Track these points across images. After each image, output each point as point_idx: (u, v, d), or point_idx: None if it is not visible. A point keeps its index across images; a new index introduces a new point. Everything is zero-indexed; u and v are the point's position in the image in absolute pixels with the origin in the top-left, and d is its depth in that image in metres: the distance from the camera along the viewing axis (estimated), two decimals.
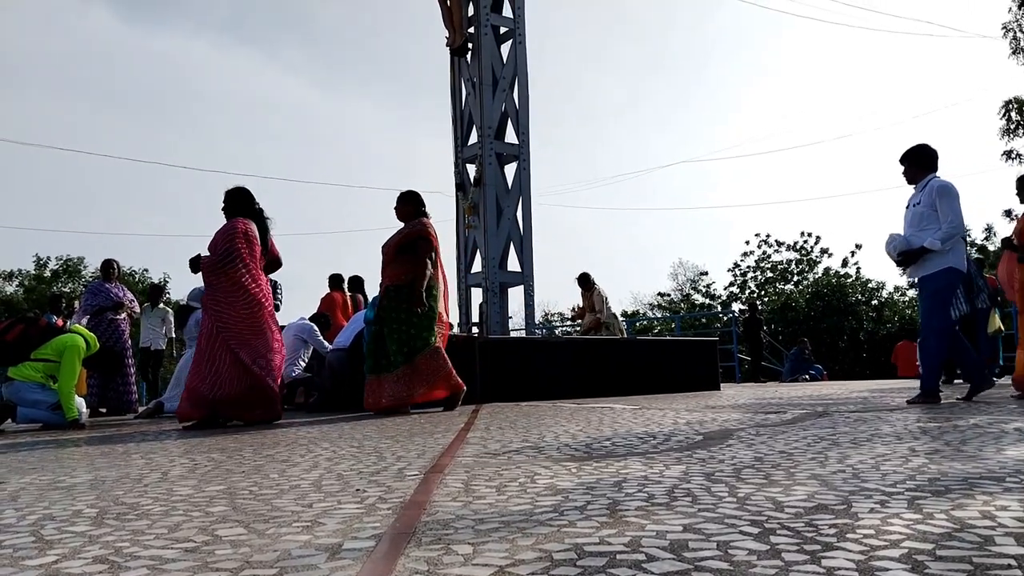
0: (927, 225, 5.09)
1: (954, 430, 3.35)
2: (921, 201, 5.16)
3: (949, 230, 5.01)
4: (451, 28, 8.56)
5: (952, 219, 5.02)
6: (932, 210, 5.08)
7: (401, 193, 5.95)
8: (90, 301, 8.42)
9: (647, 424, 4.09)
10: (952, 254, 5.09)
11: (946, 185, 5.11)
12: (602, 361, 7.76)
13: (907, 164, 5.34)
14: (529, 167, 8.37)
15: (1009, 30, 19.35)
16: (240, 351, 5.13)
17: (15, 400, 5.76)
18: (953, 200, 5.06)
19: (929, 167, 5.26)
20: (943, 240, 5.01)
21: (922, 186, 5.22)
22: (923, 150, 5.30)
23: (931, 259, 5.09)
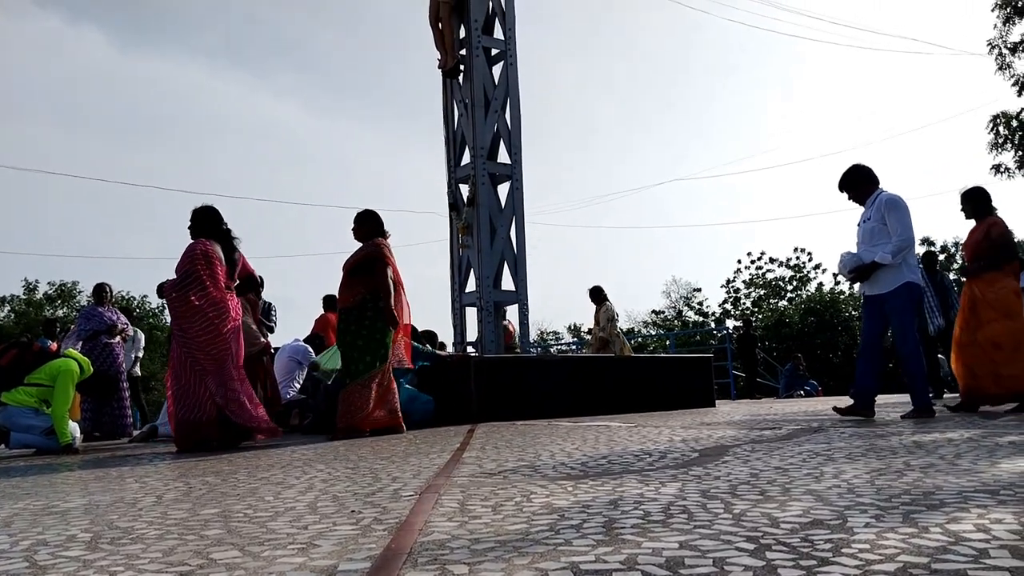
0: (878, 240, 5.11)
1: (948, 444, 3.36)
2: (871, 217, 5.18)
3: (899, 243, 5.02)
4: (443, 50, 8.62)
5: (901, 232, 5.03)
6: (883, 225, 5.10)
7: (357, 213, 5.90)
8: (83, 325, 8.39)
9: (643, 442, 4.08)
10: (906, 269, 5.10)
11: (894, 198, 5.12)
12: (598, 379, 7.76)
13: (850, 189, 5.37)
14: (522, 186, 8.40)
15: (994, 46, 19.57)
16: (206, 377, 5.13)
17: (8, 425, 5.72)
18: (902, 213, 5.07)
19: (871, 183, 5.30)
20: (894, 253, 5.02)
21: (871, 202, 5.24)
22: (859, 171, 5.34)
23: (887, 275, 5.09)
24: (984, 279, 5.59)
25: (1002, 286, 5.54)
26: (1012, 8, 19.20)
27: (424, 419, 6.44)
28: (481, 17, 8.38)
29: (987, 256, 5.58)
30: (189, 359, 5.13)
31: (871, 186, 5.29)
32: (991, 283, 5.56)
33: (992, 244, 5.58)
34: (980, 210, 5.76)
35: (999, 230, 5.61)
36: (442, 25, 8.49)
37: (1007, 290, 5.53)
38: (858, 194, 5.35)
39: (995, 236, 5.60)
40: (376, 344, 5.57)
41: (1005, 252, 5.58)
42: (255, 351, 6.77)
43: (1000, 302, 5.51)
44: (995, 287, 5.54)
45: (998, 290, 5.53)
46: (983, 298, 5.57)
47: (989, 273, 5.58)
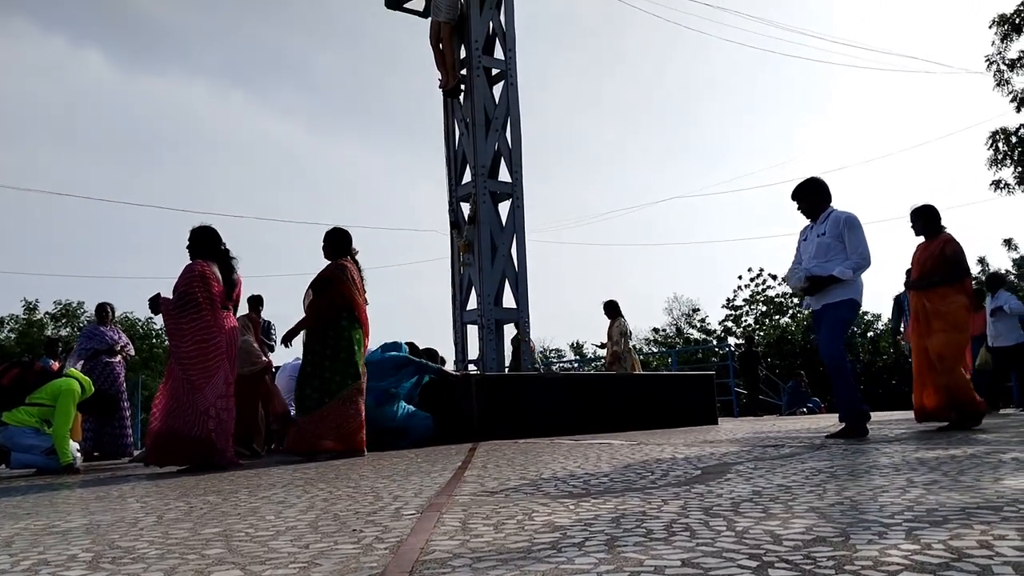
0: (833, 256, 5.12)
1: (951, 460, 3.35)
2: (826, 232, 5.19)
3: (859, 261, 5.06)
4: (444, 70, 8.68)
5: (862, 251, 5.08)
6: (838, 241, 5.12)
7: (325, 232, 5.93)
8: (85, 344, 8.40)
9: (645, 459, 4.07)
10: (855, 287, 5.12)
11: (852, 217, 5.16)
12: (599, 397, 7.74)
13: (803, 200, 5.37)
14: (523, 205, 8.43)
15: (992, 63, 19.66)
16: (195, 395, 5.13)
17: (9, 445, 5.72)
18: (860, 232, 5.12)
19: (826, 199, 5.33)
20: (854, 270, 5.05)
21: (824, 218, 5.25)
22: (818, 184, 5.36)
23: (834, 290, 5.13)
24: (937, 293, 5.63)
25: (953, 300, 5.59)
26: (1010, 25, 19.32)
27: (423, 436, 6.43)
28: (481, 38, 8.45)
29: (940, 272, 5.63)
30: (184, 378, 5.14)
31: (825, 202, 5.32)
32: (944, 297, 5.61)
33: (946, 261, 5.62)
34: (931, 227, 5.82)
35: (953, 248, 5.66)
36: (443, 46, 8.56)
37: (958, 305, 5.59)
38: (811, 207, 5.35)
39: (949, 254, 5.63)
40: (344, 363, 5.57)
41: (959, 270, 5.63)
42: (256, 370, 6.78)
43: (951, 315, 5.56)
44: (947, 301, 5.60)
45: (949, 304, 5.58)
46: (934, 309, 5.62)
47: (942, 288, 5.62)
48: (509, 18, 8.62)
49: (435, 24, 8.58)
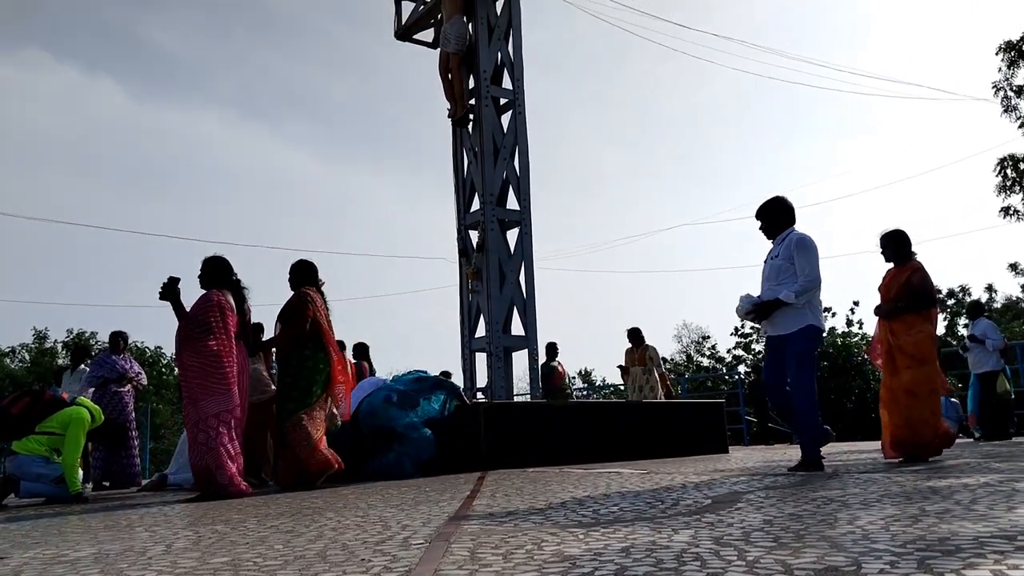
0: (784, 279, 4.96)
1: (964, 489, 3.32)
2: (779, 254, 5.04)
3: (805, 283, 4.87)
4: (452, 100, 8.77)
5: (810, 272, 4.89)
6: (790, 263, 4.96)
7: (291, 264, 6.05)
8: (95, 372, 8.43)
9: (655, 489, 4.05)
10: (810, 311, 4.94)
11: (804, 238, 5.00)
12: (608, 425, 7.71)
13: (764, 219, 5.23)
14: (531, 232, 8.47)
15: (999, 89, 19.73)
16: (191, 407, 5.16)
17: (18, 474, 5.72)
18: (811, 253, 4.94)
19: (787, 220, 5.16)
20: (799, 293, 4.87)
21: (781, 239, 5.11)
22: (779, 203, 5.20)
23: (790, 316, 4.93)
24: (904, 321, 5.51)
25: (919, 330, 5.47)
26: (1016, 52, 19.40)
27: (418, 455, 6.28)
28: (490, 68, 8.55)
29: (907, 300, 5.51)
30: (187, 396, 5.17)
31: (786, 223, 5.16)
32: (910, 326, 5.49)
33: (912, 289, 5.51)
34: (901, 254, 5.70)
35: (920, 276, 5.55)
36: (452, 76, 8.66)
37: (924, 335, 5.47)
38: (771, 227, 5.20)
39: (916, 282, 5.52)
40: (300, 390, 5.62)
41: (926, 298, 5.52)
42: (265, 399, 6.78)
43: (916, 347, 5.44)
44: (912, 331, 5.47)
45: (915, 334, 5.46)
46: (898, 344, 5.49)
47: (909, 316, 5.50)
48: (517, 49, 8.73)
49: (444, 55, 8.69)
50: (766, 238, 5.24)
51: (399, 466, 6.18)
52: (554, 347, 11.53)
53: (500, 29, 8.67)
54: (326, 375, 5.73)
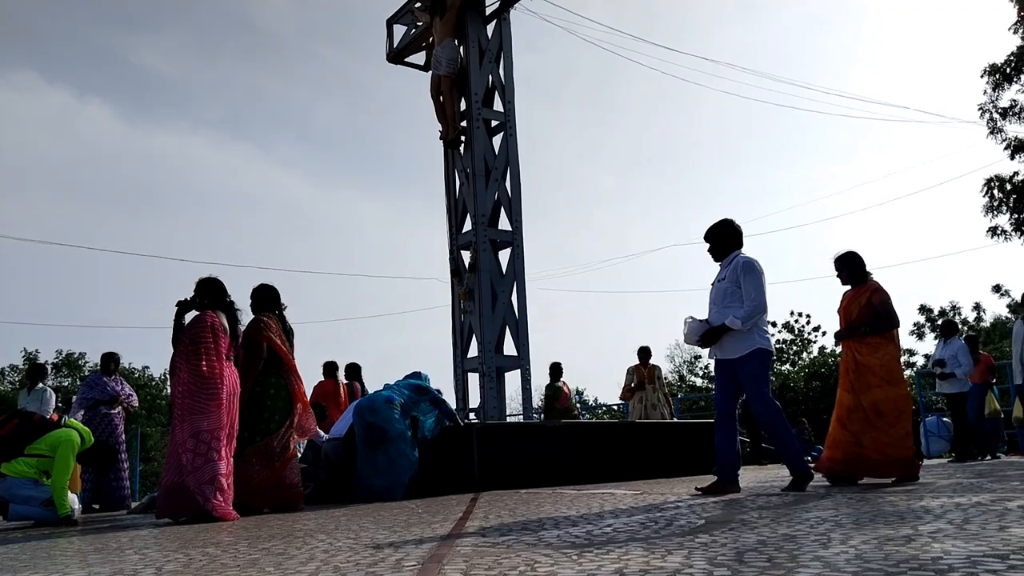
0: (731, 302, 4.93)
1: (956, 508, 3.33)
2: (726, 277, 5.03)
3: (751, 308, 4.85)
4: (444, 122, 8.83)
5: (755, 297, 4.86)
6: (736, 287, 4.94)
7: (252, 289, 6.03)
8: (86, 394, 8.38)
9: (648, 509, 4.04)
10: (757, 334, 4.92)
11: (750, 262, 4.97)
12: (602, 446, 7.69)
13: (711, 241, 5.19)
14: (523, 253, 8.49)
15: (985, 111, 19.95)
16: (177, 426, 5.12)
17: (7, 497, 5.66)
18: (756, 277, 4.91)
19: (734, 243, 5.14)
20: (744, 319, 4.84)
21: (727, 262, 5.09)
22: (727, 226, 5.17)
23: (738, 340, 4.91)
24: (867, 344, 5.47)
25: (885, 352, 5.44)
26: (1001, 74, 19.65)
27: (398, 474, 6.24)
28: (481, 90, 8.61)
29: (869, 322, 5.48)
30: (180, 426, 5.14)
31: (733, 246, 5.14)
32: (875, 348, 5.45)
33: (873, 310, 5.48)
34: (857, 275, 5.68)
35: (880, 297, 5.52)
36: (443, 98, 8.72)
37: (890, 357, 5.44)
38: (718, 250, 5.18)
39: (877, 303, 5.49)
40: (254, 418, 5.63)
41: (887, 319, 5.49)
42: None
43: (885, 368, 5.40)
44: (879, 353, 5.43)
45: (882, 356, 5.42)
46: (867, 363, 5.45)
47: (872, 338, 5.47)
48: (508, 71, 8.80)
49: (435, 78, 8.75)
50: (713, 260, 5.21)
51: (388, 494, 6.15)
52: (558, 367, 11.43)
53: (491, 52, 8.74)
54: (284, 401, 5.72)
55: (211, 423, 5.13)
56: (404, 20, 9.79)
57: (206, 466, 5.07)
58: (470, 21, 8.68)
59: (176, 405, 5.20)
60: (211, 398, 5.17)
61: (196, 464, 5.06)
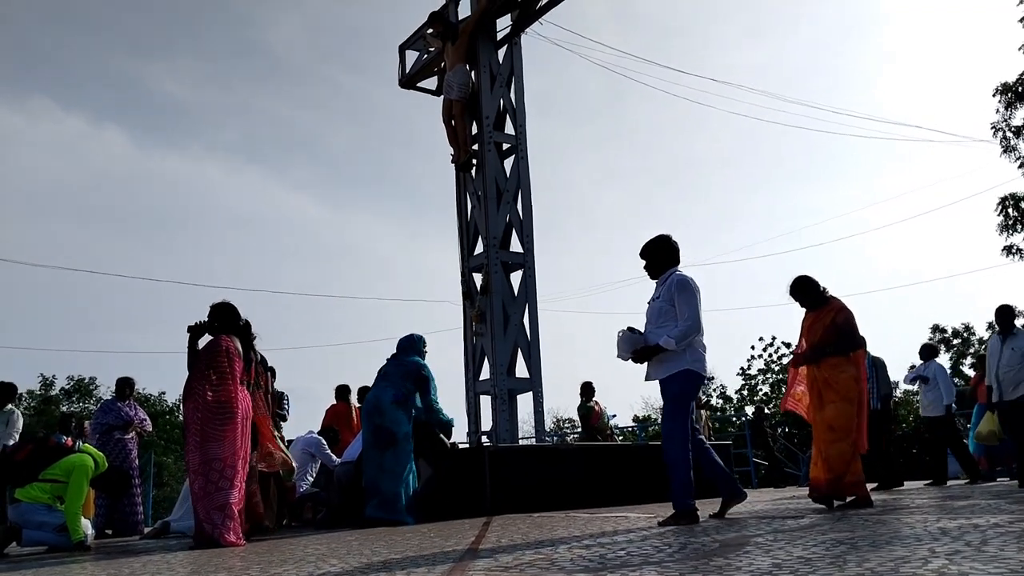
0: (666, 321, 4.77)
1: (974, 530, 3.28)
2: (661, 296, 4.86)
3: (684, 328, 4.67)
4: (456, 146, 8.89)
5: (689, 316, 4.69)
6: (671, 306, 4.77)
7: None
8: (100, 419, 8.42)
9: (662, 532, 4.01)
10: (690, 355, 4.74)
11: (685, 280, 4.82)
12: (615, 469, 7.65)
13: (647, 259, 5.03)
14: (534, 274, 8.50)
15: (998, 130, 19.90)
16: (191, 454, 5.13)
17: (21, 522, 5.68)
18: (691, 296, 4.75)
19: (670, 260, 4.97)
20: (678, 339, 4.66)
21: (663, 280, 4.91)
22: (662, 242, 5.00)
23: (669, 360, 4.75)
24: (829, 363, 5.40)
25: (844, 371, 5.37)
26: (1013, 93, 19.61)
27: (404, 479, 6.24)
28: (492, 114, 8.67)
29: (832, 343, 5.41)
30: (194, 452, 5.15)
31: (669, 263, 4.96)
32: (835, 367, 5.38)
33: (838, 331, 5.41)
34: (815, 298, 5.60)
35: (844, 317, 5.45)
36: (455, 122, 8.79)
37: (848, 376, 5.37)
38: (653, 267, 5.00)
39: (840, 323, 5.42)
40: None
41: (851, 340, 5.42)
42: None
43: (841, 385, 5.34)
44: (837, 372, 5.37)
45: (839, 374, 5.37)
46: (825, 380, 5.40)
47: (834, 359, 5.40)
48: (519, 95, 8.87)
49: (447, 102, 8.83)
50: (650, 278, 5.07)
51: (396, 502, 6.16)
52: (590, 387, 11.26)
53: (502, 76, 8.81)
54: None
55: (224, 450, 5.14)
56: (416, 46, 9.91)
57: (216, 494, 5.07)
58: (481, 46, 8.77)
59: (189, 430, 5.21)
60: (226, 423, 5.19)
61: (207, 491, 5.06)
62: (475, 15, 8.75)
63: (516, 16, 8.89)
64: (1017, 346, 7.26)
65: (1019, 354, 7.21)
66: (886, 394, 8.80)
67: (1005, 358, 7.29)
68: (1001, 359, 7.32)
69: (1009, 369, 7.26)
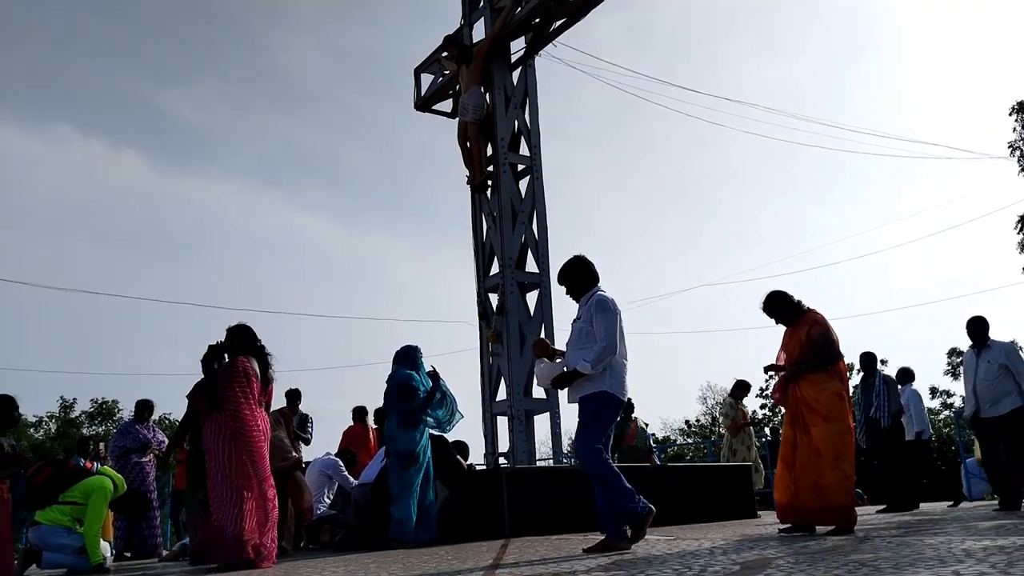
0: (587, 343, 4.67)
1: (1000, 551, 3.23)
2: (582, 317, 4.78)
3: (600, 350, 4.57)
4: (471, 167, 8.94)
5: (605, 337, 4.58)
6: (590, 326, 4.68)
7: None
8: (118, 442, 8.47)
9: (682, 555, 3.97)
10: (610, 377, 4.63)
11: (604, 301, 4.72)
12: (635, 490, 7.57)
13: (565, 282, 4.93)
14: (550, 295, 8.50)
15: (1015, 148, 19.79)
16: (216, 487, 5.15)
17: (40, 545, 5.71)
18: (609, 317, 4.65)
19: (589, 280, 4.87)
20: (594, 362, 4.56)
21: (585, 300, 4.81)
22: (578, 263, 4.91)
23: (588, 381, 4.65)
24: (809, 380, 5.23)
25: (825, 387, 5.19)
26: None
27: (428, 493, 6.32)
28: (507, 135, 8.72)
29: (810, 358, 5.25)
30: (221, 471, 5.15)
31: (589, 283, 4.86)
32: (816, 384, 5.20)
33: (813, 345, 5.26)
34: (789, 314, 5.46)
35: (820, 330, 5.29)
36: (470, 144, 8.84)
37: (829, 392, 5.18)
38: (574, 290, 4.90)
39: (816, 336, 5.27)
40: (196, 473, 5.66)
41: (829, 353, 5.26)
42: (286, 466, 6.76)
43: (823, 404, 5.15)
44: (818, 389, 5.19)
45: (820, 392, 5.18)
46: (806, 400, 5.21)
47: (815, 374, 5.23)
48: (533, 116, 8.91)
49: (462, 124, 8.89)
50: (573, 300, 4.97)
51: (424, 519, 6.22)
52: (628, 402, 11.03)
53: (517, 98, 8.87)
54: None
55: (242, 471, 5.15)
56: (431, 69, 10.00)
57: (237, 514, 5.08)
58: (496, 68, 8.84)
59: (209, 452, 5.22)
60: (244, 444, 5.19)
61: (226, 512, 5.07)
62: (489, 38, 8.83)
63: (530, 39, 8.96)
64: (993, 359, 6.90)
65: (995, 367, 6.86)
66: (896, 412, 8.68)
67: (982, 372, 6.93)
68: (978, 373, 6.97)
69: (987, 383, 6.90)
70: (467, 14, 9.44)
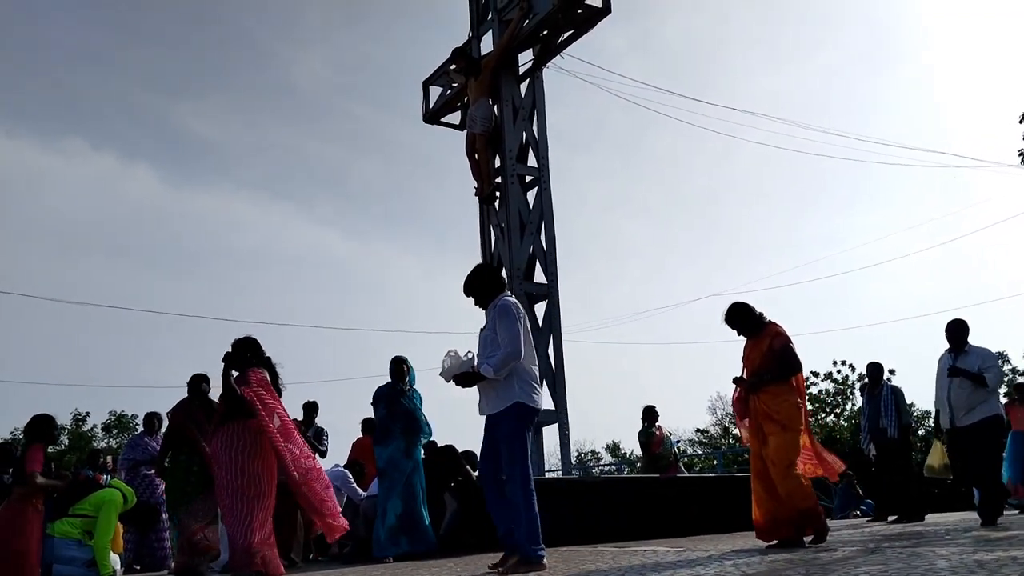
0: (492, 351, 4.54)
1: (1012, 563, 3.20)
2: (488, 325, 4.69)
3: (503, 356, 4.45)
4: (479, 179, 8.96)
5: (508, 342, 4.46)
6: (495, 333, 4.58)
7: None
8: (127, 455, 8.48)
9: (691, 567, 3.95)
10: (518, 385, 4.51)
11: (506, 305, 4.63)
12: (643, 501, 7.55)
13: (471, 293, 4.83)
14: (558, 305, 8.50)
15: None
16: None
17: (51, 558, 5.73)
18: (511, 321, 4.53)
19: (495, 288, 4.79)
20: (497, 368, 4.44)
21: (491, 308, 4.72)
22: (480, 273, 4.87)
23: (498, 393, 4.52)
24: (769, 392, 5.24)
25: (784, 400, 5.20)
26: None
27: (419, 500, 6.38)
28: (515, 147, 8.75)
29: (771, 369, 5.26)
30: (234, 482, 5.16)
31: (495, 291, 4.77)
32: (776, 396, 5.22)
33: (775, 355, 5.26)
34: (751, 325, 5.45)
35: (781, 341, 5.29)
36: (478, 155, 8.87)
37: (789, 403, 5.19)
38: (480, 299, 4.81)
39: (778, 348, 5.27)
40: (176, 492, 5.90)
41: (789, 364, 5.26)
42: None
43: (781, 414, 5.16)
44: (777, 400, 5.20)
45: (780, 403, 5.19)
46: (764, 412, 5.22)
47: (775, 386, 5.24)
48: (541, 128, 8.93)
49: (471, 136, 8.92)
50: (481, 309, 4.88)
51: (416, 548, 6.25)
52: (652, 411, 10.74)
53: (525, 110, 8.90)
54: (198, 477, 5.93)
55: (255, 482, 5.15)
56: (440, 82, 10.05)
57: (247, 526, 5.09)
58: (504, 80, 8.87)
59: (220, 463, 5.21)
60: (254, 454, 5.20)
61: (236, 523, 5.07)
62: (497, 50, 8.86)
63: (538, 51, 8.99)
64: (969, 365, 6.54)
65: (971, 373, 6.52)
66: (906, 424, 8.58)
67: (957, 379, 6.57)
68: (952, 380, 6.60)
69: (962, 391, 6.54)
70: (475, 27, 9.50)
